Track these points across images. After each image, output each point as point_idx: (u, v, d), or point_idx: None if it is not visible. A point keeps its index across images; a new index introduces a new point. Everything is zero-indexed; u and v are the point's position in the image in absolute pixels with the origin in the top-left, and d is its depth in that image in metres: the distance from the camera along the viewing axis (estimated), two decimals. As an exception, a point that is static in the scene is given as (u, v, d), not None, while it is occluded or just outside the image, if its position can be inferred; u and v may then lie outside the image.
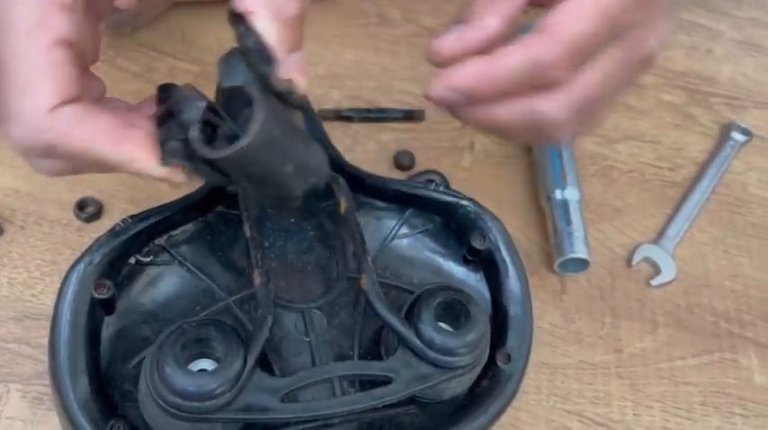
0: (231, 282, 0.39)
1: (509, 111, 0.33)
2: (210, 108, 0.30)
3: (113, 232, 0.36)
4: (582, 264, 0.46)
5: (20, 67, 0.27)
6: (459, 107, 0.33)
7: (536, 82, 0.32)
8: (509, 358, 0.37)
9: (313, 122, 0.43)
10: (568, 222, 0.47)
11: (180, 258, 0.39)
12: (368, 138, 0.51)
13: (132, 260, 0.38)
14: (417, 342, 0.34)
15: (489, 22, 0.33)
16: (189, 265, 0.38)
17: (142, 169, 0.30)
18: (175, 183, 0.31)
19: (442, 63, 0.33)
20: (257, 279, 0.35)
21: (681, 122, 0.56)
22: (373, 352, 0.37)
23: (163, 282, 0.38)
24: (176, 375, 0.31)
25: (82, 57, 0.30)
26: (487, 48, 0.33)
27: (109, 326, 0.36)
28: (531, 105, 0.32)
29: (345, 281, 0.39)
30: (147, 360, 0.33)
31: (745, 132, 0.55)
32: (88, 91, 0.31)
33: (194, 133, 0.29)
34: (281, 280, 0.39)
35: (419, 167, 0.50)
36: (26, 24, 0.27)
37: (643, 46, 0.34)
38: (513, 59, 0.31)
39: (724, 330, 0.47)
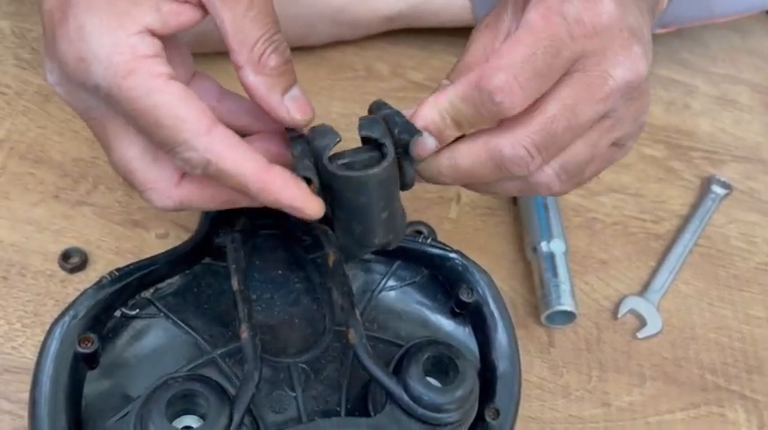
0: (217, 335, 0.38)
1: (469, 154, 0.34)
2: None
3: (99, 285, 0.36)
4: (568, 317, 0.46)
5: (161, 112, 0.31)
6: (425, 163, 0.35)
7: (489, 111, 0.33)
8: (498, 413, 0.37)
9: None
10: (555, 274, 0.47)
11: (166, 311, 0.38)
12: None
13: (118, 313, 0.37)
14: (406, 398, 0.33)
15: None
16: (174, 318, 0.38)
17: (279, 199, 0.33)
18: (307, 213, 0.33)
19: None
20: (244, 333, 0.35)
21: (663, 176, 0.57)
22: (360, 407, 0.37)
23: (148, 336, 0.37)
24: (160, 433, 0.30)
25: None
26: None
27: (92, 381, 0.36)
28: (489, 143, 0.34)
29: (332, 334, 0.39)
30: (131, 416, 0.32)
31: (726, 186, 0.56)
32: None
33: (327, 154, 0.33)
34: (268, 333, 0.39)
35: (406, 218, 0.51)
36: (142, 86, 0.31)
37: (605, 75, 0.33)
38: (459, 88, 0.33)
39: (710, 383, 0.47)
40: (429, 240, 0.42)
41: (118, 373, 0.36)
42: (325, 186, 0.34)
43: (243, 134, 0.38)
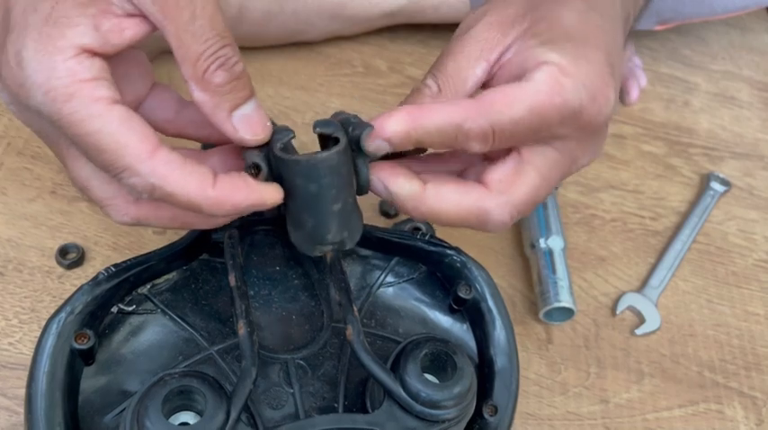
0: (214, 331, 0.38)
1: (457, 208, 0.35)
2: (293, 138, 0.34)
3: (96, 281, 0.36)
4: (567, 313, 0.46)
5: (101, 138, 0.31)
6: (408, 202, 0.35)
7: (458, 146, 0.34)
8: (496, 410, 0.37)
9: None
10: (553, 271, 0.47)
11: (163, 307, 0.38)
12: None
13: (114, 309, 0.37)
14: (403, 394, 0.33)
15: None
16: (172, 314, 0.38)
17: (235, 204, 0.32)
18: (267, 203, 0.33)
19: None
20: (241, 329, 0.34)
21: (662, 172, 0.57)
22: (358, 403, 0.37)
23: (145, 332, 0.37)
24: (157, 429, 0.30)
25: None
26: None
27: (88, 377, 0.35)
28: (479, 203, 0.34)
29: (330, 330, 0.39)
30: (127, 412, 0.32)
31: (724, 182, 0.56)
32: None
33: (278, 145, 0.33)
34: (266, 329, 0.39)
35: (404, 215, 0.50)
36: (81, 111, 0.30)
37: (577, 162, 0.36)
38: (441, 117, 0.33)
39: (709, 380, 0.47)
40: (427, 237, 0.42)
41: (114, 369, 0.36)
42: (277, 177, 0.33)
43: (207, 145, 0.37)
